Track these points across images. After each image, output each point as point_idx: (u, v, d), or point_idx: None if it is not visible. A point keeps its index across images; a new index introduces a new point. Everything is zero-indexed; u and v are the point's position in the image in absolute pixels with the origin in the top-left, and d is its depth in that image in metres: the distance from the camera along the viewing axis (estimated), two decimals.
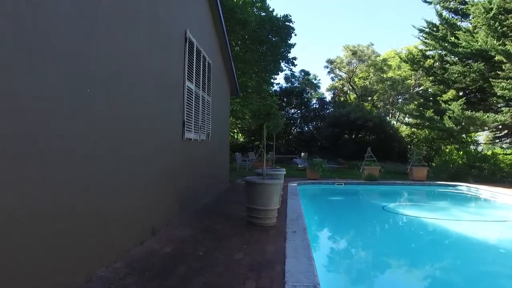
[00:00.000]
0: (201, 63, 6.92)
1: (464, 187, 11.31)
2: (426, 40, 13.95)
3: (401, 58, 16.85)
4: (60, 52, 2.53)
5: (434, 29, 13.40)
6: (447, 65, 13.12)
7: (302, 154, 22.37)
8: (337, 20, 53.77)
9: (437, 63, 14.17)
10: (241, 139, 29.15)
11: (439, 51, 13.76)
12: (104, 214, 3.21)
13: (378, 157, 20.83)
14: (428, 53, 14.74)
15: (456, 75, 12.45)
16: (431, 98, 15.01)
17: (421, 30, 14.05)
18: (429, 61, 14.49)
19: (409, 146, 25.34)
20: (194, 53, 6.31)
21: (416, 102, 17.14)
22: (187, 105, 5.87)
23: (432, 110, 13.55)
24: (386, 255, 5.20)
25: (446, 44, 12.49)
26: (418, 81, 25.94)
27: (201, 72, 6.91)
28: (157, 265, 3.32)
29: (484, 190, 10.46)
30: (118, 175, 3.46)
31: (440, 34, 12.96)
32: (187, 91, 5.85)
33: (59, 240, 2.56)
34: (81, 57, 2.80)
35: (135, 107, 3.87)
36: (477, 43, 11.20)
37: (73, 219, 2.73)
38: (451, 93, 17.52)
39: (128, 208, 3.69)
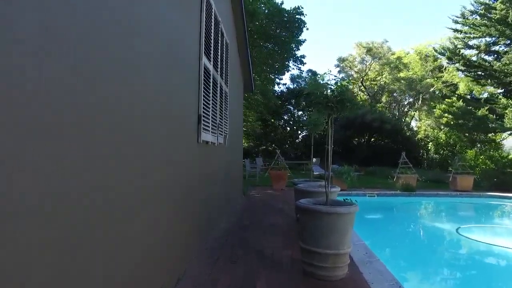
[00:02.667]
0: (219, 38, 5.06)
1: None
2: (474, 27, 12.01)
3: (435, 50, 15.03)
4: None
5: (481, 12, 11.47)
6: (493, 56, 11.30)
7: (314, 159, 20.49)
8: (343, 19, 52.12)
9: (480, 55, 12.32)
10: (245, 144, 27.23)
11: (489, 38, 11.88)
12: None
13: (396, 163, 18.99)
14: (471, 42, 12.88)
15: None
16: (467, 96, 13.12)
17: (473, 12, 12.15)
18: (468, 52, 12.64)
19: (422, 151, 23.54)
20: (212, 19, 4.44)
21: (451, 101, 15.09)
22: (204, 92, 4.00)
23: (486, 108, 11.66)
24: None
25: (505, 28, 10.56)
26: (434, 80, 24.23)
27: (219, 52, 5.05)
28: None
29: None
30: (103, 210, 1.57)
31: (498, 16, 11.08)
32: (204, 72, 3.98)
33: None
34: None
35: (129, 88, 1.99)
36: None
37: None
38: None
39: (122, 266, 1.82)
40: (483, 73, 12.27)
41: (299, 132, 27.37)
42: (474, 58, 12.51)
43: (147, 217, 2.37)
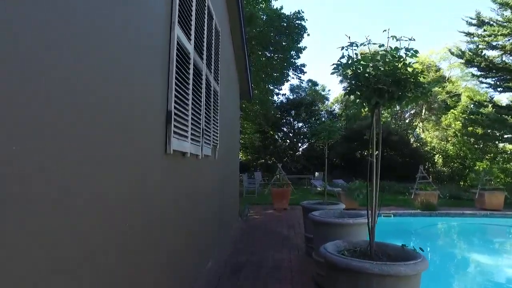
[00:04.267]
0: (206, 16, 3.81)
1: None
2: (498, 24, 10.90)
3: (452, 53, 13.91)
4: None
5: None
6: None
7: (317, 173, 19.21)
8: (343, 19, 51.55)
9: (502, 57, 11.19)
10: (242, 157, 25.89)
11: None
12: None
13: (403, 177, 17.59)
14: (494, 42, 11.72)
15: None
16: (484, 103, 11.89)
17: (502, 4, 11.00)
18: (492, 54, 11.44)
19: (428, 163, 22.26)
20: None
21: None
22: (176, 79, 2.71)
23: None
24: None
25: None
26: (439, 89, 23.26)
27: (205, 34, 3.79)
28: None
29: None
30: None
31: None
32: (178, 51, 2.70)
33: None
34: None
35: (50, 70, 0.91)
36: None
37: None
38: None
39: None
40: (509, 77, 11.08)
41: (299, 144, 26.12)
42: (495, 61, 11.41)
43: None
